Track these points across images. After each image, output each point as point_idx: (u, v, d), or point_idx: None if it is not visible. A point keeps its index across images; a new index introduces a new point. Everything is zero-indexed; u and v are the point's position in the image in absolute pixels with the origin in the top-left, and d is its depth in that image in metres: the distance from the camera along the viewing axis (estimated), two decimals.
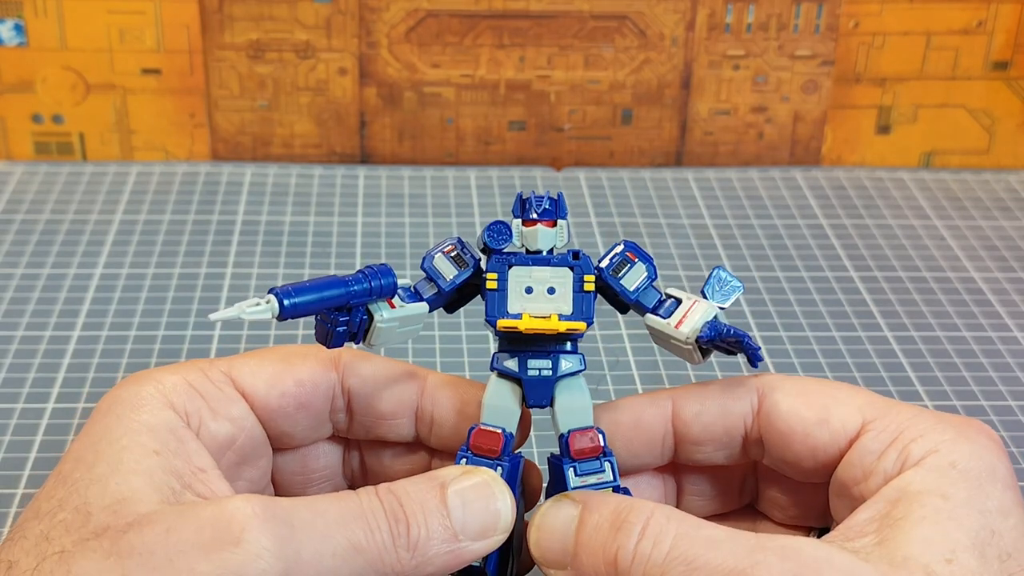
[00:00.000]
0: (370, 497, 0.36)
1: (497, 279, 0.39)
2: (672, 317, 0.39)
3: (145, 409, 0.37)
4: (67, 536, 0.34)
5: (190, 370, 0.40)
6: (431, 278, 0.40)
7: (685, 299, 0.40)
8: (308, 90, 0.80)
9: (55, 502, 0.35)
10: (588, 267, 0.39)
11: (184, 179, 0.79)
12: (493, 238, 0.39)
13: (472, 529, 0.37)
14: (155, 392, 0.38)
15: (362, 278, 0.38)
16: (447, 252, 0.40)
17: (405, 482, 0.37)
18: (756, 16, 0.80)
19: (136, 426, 0.37)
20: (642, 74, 0.81)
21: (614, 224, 0.75)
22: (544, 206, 0.39)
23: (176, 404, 0.38)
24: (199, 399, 0.39)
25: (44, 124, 0.80)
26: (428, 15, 0.79)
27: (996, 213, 0.78)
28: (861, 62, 0.82)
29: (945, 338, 0.64)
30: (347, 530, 0.34)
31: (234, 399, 0.40)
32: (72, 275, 0.67)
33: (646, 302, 0.40)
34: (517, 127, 0.82)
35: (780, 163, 0.84)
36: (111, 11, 0.77)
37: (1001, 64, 0.82)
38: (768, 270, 0.70)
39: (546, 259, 0.39)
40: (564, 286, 0.39)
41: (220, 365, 0.40)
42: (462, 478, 0.37)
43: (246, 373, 0.40)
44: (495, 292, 0.39)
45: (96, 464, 0.36)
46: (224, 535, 0.33)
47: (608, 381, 0.60)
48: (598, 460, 0.39)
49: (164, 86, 0.79)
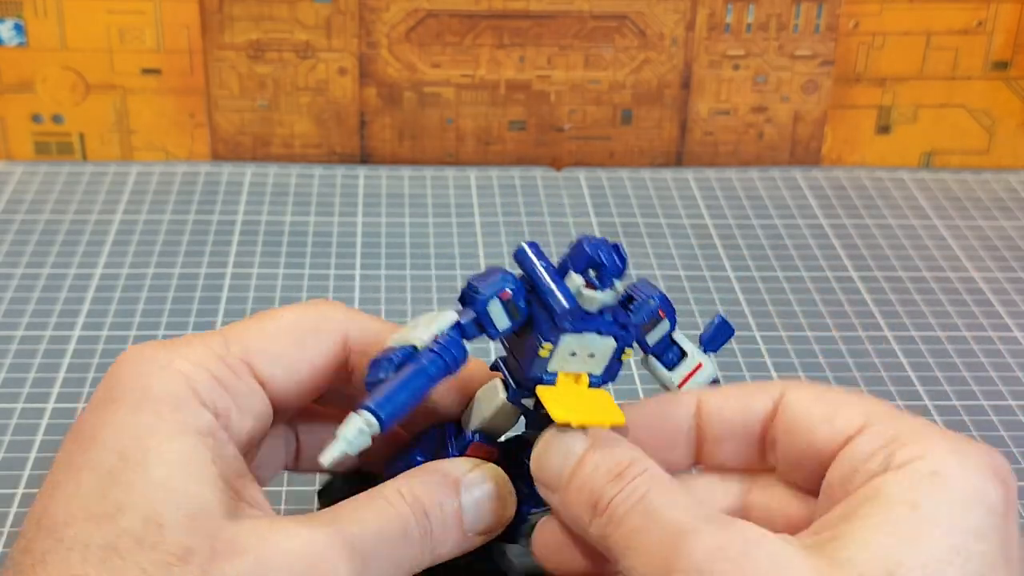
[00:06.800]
0: (402, 504, 0.36)
1: (552, 350, 0.37)
2: (676, 372, 0.41)
3: (184, 410, 0.35)
4: (143, 554, 0.32)
5: (207, 353, 0.37)
6: (480, 322, 0.37)
7: (690, 353, 0.41)
8: (308, 90, 0.80)
9: (111, 504, 0.33)
10: (630, 339, 0.38)
11: (184, 179, 0.79)
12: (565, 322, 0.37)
13: (480, 528, 0.38)
14: (186, 388, 0.36)
15: (438, 360, 0.36)
16: (503, 298, 0.37)
17: (422, 484, 0.37)
18: (756, 16, 0.80)
19: (184, 428, 0.35)
20: (642, 74, 0.81)
21: (614, 224, 0.75)
22: (614, 274, 0.37)
23: (208, 402, 0.36)
24: (226, 396, 0.37)
25: (44, 124, 0.80)
26: (428, 15, 0.79)
27: (996, 213, 0.78)
28: (861, 62, 0.82)
29: (945, 338, 0.64)
30: (397, 548, 0.36)
31: (256, 392, 0.38)
32: (72, 275, 0.67)
33: (658, 350, 0.41)
34: (517, 127, 0.82)
35: (780, 163, 0.84)
36: (111, 11, 0.77)
37: (1001, 64, 0.82)
38: (768, 270, 0.70)
39: (596, 326, 0.37)
40: (605, 353, 0.38)
41: (235, 349, 0.38)
42: (474, 480, 0.38)
43: (265, 362, 0.38)
44: (544, 359, 0.37)
45: (151, 466, 0.34)
46: (314, 572, 0.33)
47: None
48: None
49: (164, 86, 0.79)
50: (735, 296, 0.68)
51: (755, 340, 0.64)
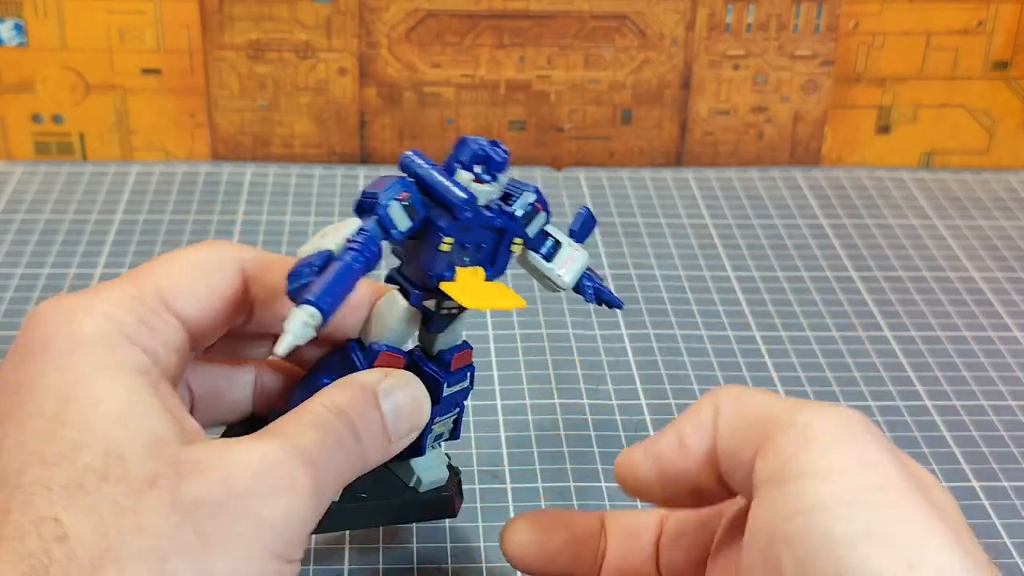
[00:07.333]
0: (329, 416, 0.37)
1: (452, 243, 0.40)
2: (555, 261, 0.43)
3: (118, 349, 0.36)
4: (111, 486, 0.32)
5: (123, 295, 0.38)
6: (383, 225, 0.39)
7: (564, 244, 0.43)
8: (308, 90, 0.80)
9: (66, 444, 0.33)
10: (518, 229, 0.41)
11: (184, 179, 0.79)
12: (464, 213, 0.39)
13: (402, 432, 0.40)
14: (115, 329, 0.36)
15: (359, 256, 0.38)
16: (402, 200, 0.39)
17: (342, 396, 0.38)
18: (756, 16, 0.80)
19: (123, 365, 0.35)
20: (642, 74, 0.81)
21: (614, 224, 0.75)
22: (498, 168, 0.40)
23: (136, 341, 0.36)
24: (151, 334, 0.37)
25: (44, 124, 0.80)
26: (428, 15, 0.79)
27: (996, 213, 0.78)
28: (861, 62, 0.82)
29: (945, 338, 0.64)
30: (340, 465, 0.37)
31: (175, 327, 0.38)
32: (72, 275, 0.67)
33: (535, 244, 0.42)
34: (517, 127, 0.82)
35: (780, 163, 0.84)
36: (111, 11, 0.77)
37: (1001, 64, 0.82)
38: (768, 270, 0.70)
39: (489, 220, 0.40)
40: (492, 242, 0.41)
41: (148, 288, 0.38)
42: (390, 386, 0.39)
43: (178, 296, 0.39)
44: (443, 253, 0.40)
45: (101, 403, 0.34)
46: (279, 481, 0.34)
47: (608, 381, 0.60)
48: (464, 370, 0.43)
49: (164, 86, 0.79)
50: (735, 296, 0.68)
51: (755, 340, 0.64)
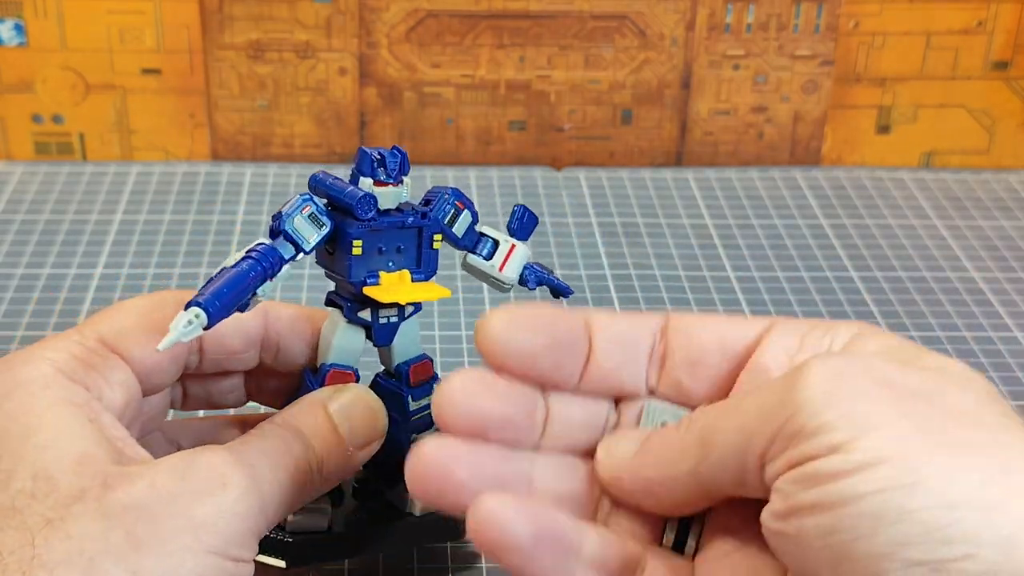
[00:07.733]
0: (276, 428, 0.39)
1: (363, 245, 0.40)
2: (494, 259, 0.43)
3: (55, 386, 0.37)
4: (39, 503, 0.33)
5: (66, 343, 0.39)
6: (292, 240, 0.39)
7: (502, 241, 0.43)
8: (308, 90, 0.80)
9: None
10: (437, 226, 0.42)
11: (184, 179, 0.79)
12: (364, 210, 0.40)
13: (358, 440, 0.40)
14: (53, 370, 0.37)
15: (256, 265, 0.38)
16: (305, 213, 0.40)
17: (291, 412, 0.40)
18: (756, 16, 0.80)
19: (57, 400, 0.36)
20: (642, 74, 0.81)
21: (614, 224, 0.75)
22: (397, 170, 0.41)
23: (77, 379, 0.38)
24: (92, 372, 0.38)
25: (44, 124, 0.80)
26: (428, 15, 0.79)
27: (996, 213, 0.78)
28: (861, 62, 0.82)
29: (945, 338, 0.64)
30: (285, 465, 0.38)
31: (118, 365, 0.39)
32: (72, 275, 0.67)
33: (469, 244, 0.43)
34: (517, 127, 0.82)
35: (780, 163, 0.84)
36: (111, 11, 0.77)
37: (1001, 64, 0.82)
38: (768, 270, 0.70)
39: (401, 220, 0.41)
40: (412, 243, 0.42)
41: (89, 333, 0.40)
42: (336, 396, 0.41)
43: (120, 339, 0.40)
44: (358, 257, 0.40)
45: (32, 435, 0.35)
46: (211, 480, 0.35)
47: None
48: (429, 383, 0.44)
49: (164, 86, 0.79)
50: (735, 296, 0.68)
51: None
